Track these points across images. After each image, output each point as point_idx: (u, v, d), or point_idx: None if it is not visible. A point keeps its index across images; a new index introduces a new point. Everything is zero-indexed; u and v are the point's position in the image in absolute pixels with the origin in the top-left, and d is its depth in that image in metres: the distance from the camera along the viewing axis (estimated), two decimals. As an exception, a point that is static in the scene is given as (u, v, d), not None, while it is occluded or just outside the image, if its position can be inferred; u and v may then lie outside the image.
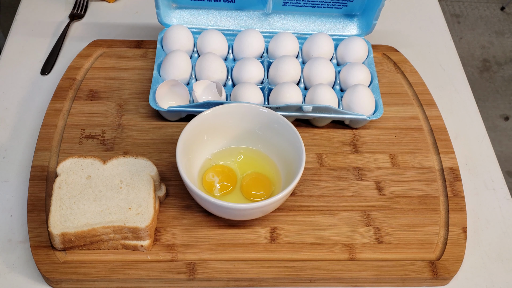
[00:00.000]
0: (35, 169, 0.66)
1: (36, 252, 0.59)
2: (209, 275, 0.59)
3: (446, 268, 0.61)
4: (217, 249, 0.61)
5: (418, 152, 0.72)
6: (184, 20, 0.80)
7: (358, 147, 0.72)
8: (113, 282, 0.58)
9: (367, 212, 0.65)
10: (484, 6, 2.27)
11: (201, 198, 0.58)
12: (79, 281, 0.58)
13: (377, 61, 0.82)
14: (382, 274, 0.60)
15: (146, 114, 0.73)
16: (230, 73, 0.76)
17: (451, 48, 0.89)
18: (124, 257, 0.59)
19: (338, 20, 0.82)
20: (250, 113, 0.66)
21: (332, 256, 0.61)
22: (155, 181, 0.62)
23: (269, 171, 0.66)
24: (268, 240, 0.62)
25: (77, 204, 0.59)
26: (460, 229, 0.64)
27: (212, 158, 0.66)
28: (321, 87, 0.72)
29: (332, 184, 0.68)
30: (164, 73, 0.73)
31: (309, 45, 0.77)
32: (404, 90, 0.79)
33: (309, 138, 0.72)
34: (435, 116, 0.75)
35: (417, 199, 0.67)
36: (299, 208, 0.65)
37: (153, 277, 0.58)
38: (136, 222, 0.58)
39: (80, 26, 0.87)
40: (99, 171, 0.62)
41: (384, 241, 0.63)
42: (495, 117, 1.88)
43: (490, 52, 2.09)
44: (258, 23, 0.81)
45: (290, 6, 0.80)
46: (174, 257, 0.60)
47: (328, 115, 0.71)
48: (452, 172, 0.69)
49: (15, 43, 0.84)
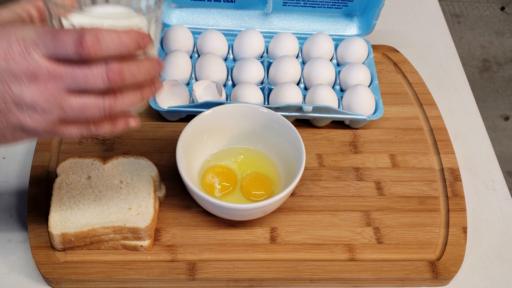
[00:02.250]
0: (35, 169, 0.66)
1: (36, 252, 0.59)
2: (209, 275, 0.59)
3: (446, 268, 0.61)
4: (217, 249, 0.61)
5: (418, 152, 0.72)
6: (184, 20, 0.80)
7: (358, 147, 0.72)
8: (113, 282, 0.58)
9: (367, 212, 0.65)
10: (484, 6, 2.27)
11: (201, 199, 0.58)
12: (79, 281, 0.58)
13: (377, 61, 0.82)
14: (382, 275, 0.60)
15: (146, 114, 0.73)
16: (230, 73, 0.76)
17: (451, 48, 0.89)
18: (124, 257, 0.59)
19: (338, 20, 0.82)
20: (250, 113, 0.66)
21: (332, 256, 0.61)
22: (155, 181, 0.62)
23: (269, 171, 0.66)
24: (268, 240, 0.62)
25: (77, 204, 0.59)
26: (460, 229, 0.64)
27: (212, 159, 0.66)
28: (321, 87, 0.72)
29: (332, 184, 0.68)
30: (164, 73, 0.73)
31: (309, 45, 0.77)
32: (404, 90, 0.79)
33: (309, 138, 0.72)
34: (435, 116, 0.75)
35: (417, 199, 0.67)
36: (299, 208, 0.65)
37: (153, 277, 0.58)
38: (136, 222, 0.58)
39: (80, 26, 0.87)
40: (99, 171, 0.62)
41: (384, 241, 0.63)
42: (495, 117, 1.88)
43: (490, 52, 2.09)
44: (258, 23, 0.81)
45: (290, 6, 0.80)
46: (174, 257, 0.60)
47: (328, 115, 0.71)
48: (452, 172, 0.69)
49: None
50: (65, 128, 0.42)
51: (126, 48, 0.40)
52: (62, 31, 0.39)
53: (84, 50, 0.38)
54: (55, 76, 0.39)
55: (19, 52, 0.39)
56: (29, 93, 0.39)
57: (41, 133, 0.41)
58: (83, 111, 0.41)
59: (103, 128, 0.43)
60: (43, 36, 0.39)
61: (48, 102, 0.39)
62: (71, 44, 0.38)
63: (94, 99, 0.41)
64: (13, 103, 0.39)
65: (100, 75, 0.40)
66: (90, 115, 0.41)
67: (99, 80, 0.40)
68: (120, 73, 0.40)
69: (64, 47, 0.38)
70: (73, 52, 0.39)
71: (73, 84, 0.40)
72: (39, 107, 0.40)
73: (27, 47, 0.39)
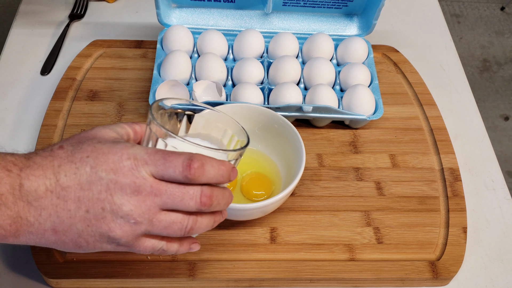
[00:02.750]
0: (35, 169, 0.66)
1: (36, 252, 0.59)
2: (209, 275, 0.59)
3: (446, 268, 0.61)
4: (217, 249, 0.61)
5: (418, 152, 0.72)
6: (184, 20, 0.80)
7: (358, 147, 0.72)
8: (113, 282, 0.58)
9: (367, 212, 0.65)
10: (484, 6, 2.27)
11: (201, 198, 0.58)
12: (79, 281, 0.58)
13: (377, 61, 0.82)
14: (382, 275, 0.60)
15: (146, 114, 0.73)
16: (230, 73, 0.76)
17: (451, 48, 0.89)
18: (124, 257, 0.59)
19: (338, 20, 0.82)
20: (250, 113, 0.66)
21: (332, 256, 0.61)
22: (155, 181, 0.62)
23: (269, 171, 0.66)
24: (268, 240, 0.62)
25: (77, 204, 0.59)
26: (460, 229, 0.64)
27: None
28: (321, 87, 0.72)
29: (332, 184, 0.68)
30: (164, 73, 0.73)
31: (309, 45, 0.77)
32: (404, 90, 0.79)
33: (309, 138, 0.72)
34: (435, 116, 0.75)
35: (417, 199, 0.67)
36: (299, 208, 0.65)
37: (153, 277, 0.58)
38: (136, 222, 0.58)
39: (80, 26, 0.87)
40: (99, 171, 0.62)
41: (384, 241, 0.63)
42: (495, 117, 1.88)
43: (490, 52, 2.09)
44: (258, 23, 0.81)
45: (290, 6, 0.80)
46: (174, 257, 0.60)
47: (328, 115, 0.71)
48: (452, 172, 0.69)
49: (15, 43, 0.84)
50: (143, 241, 0.45)
51: (221, 177, 0.44)
52: (172, 153, 0.43)
53: (191, 173, 0.42)
54: (156, 193, 0.43)
55: (128, 167, 0.42)
56: (128, 204, 0.42)
57: (122, 243, 0.44)
58: (168, 228, 0.44)
59: (172, 247, 0.47)
60: (154, 155, 0.43)
61: (142, 215, 0.43)
62: (180, 166, 0.42)
63: (181, 218, 0.44)
64: (110, 211, 0.42)
65: (194, 197, 0.43)
66: (172, 232, 0.44)
67: (193, 202, 0.43)
68: (211, 199, 0.44)
69: (173, 168, 0.42)
70: (180, 174, 0.42)
71: (169, 201, 0.43)
72: (132, 219, 0.43)
73: (137, 164, 0.42)
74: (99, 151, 0.43)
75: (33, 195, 0.42)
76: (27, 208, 0.42)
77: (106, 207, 0.42)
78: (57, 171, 0.42)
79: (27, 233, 0.43)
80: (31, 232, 0.43)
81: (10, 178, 0.41)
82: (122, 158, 0.42)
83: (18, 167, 0.42)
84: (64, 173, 0.42)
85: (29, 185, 0.42)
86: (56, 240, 0.43)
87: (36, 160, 0.43)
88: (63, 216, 0.42)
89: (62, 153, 0.43)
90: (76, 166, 0.42)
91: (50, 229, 0.43)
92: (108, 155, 0.43)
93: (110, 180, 0.42)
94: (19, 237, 0.43)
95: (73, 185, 0.42)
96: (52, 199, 0.42)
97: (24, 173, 0.42)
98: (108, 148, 0.43)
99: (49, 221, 0.42)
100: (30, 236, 0.43)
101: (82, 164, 0.42)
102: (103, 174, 0.42)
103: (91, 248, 0.44)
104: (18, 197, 0.41)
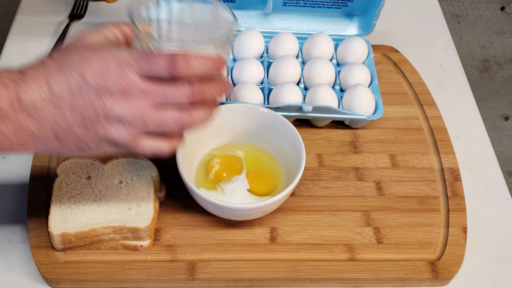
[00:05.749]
0: (35, 169, 0.66)
1: (36, 252, 0.59)
2: (209, 275, 0.59)
3: (446, 268, 0.61)
4: (217, 249, 0.61)
5: (418, 152, 0.72)
6: (184, 20, 0.80)
7: (358, 147, 0.72)
8: (113, 282, 0.58)
9: (367, 212, 0.65)
10: (484, 6, 2.27)
11: (201, 199, 0.58)
12: (79, 281, 0.58)
13: (377, 61, 0.82)
14: (382, 275, 0.60)
15: (146, 114, 0.73)
16: (230, 73, 0.76)
17: (451, 48, 0.89)
18: (124, 257, 0.59)
19: (338, 20, 0.82)
20: (250, 113, 0.66)
21: (332, 256, 0.61)
22: (155, 181, 0.62)
23: (271, 167, 0.65)
24: (268, 240, 0.62)
25: (77, 204, 0.59)
26: (460, 229, 0.64)
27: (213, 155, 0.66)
28: (321, 87, 0.72)
29: (332, 184, 0.68)
30: (164, 73, 0.73)
31: (309, 45, 0.77)
32: (404, 90, 0.79)
33: (309, 138, 0.72)
34: (435, 116, 0.75)
35: (417, 199, 0.67)
36: (299, 208, 0.65)
37: (153, 277, 0.58)
38: (136, 222, 0.58)
39: (80, 26, 0.87)
40: (99, 171, 0.62)
41: (384, 241, 0.63)
42: (495, 117, 1.88)
43: (490, 52, 2.09)
44: (258, 23, 0.81)
45: (290, 6, 0.80)
46: (174, 257, 0.60)
47: (328, 115, 0.71)
48: (452, 172, 0.69)
49: (15, 43, 0.84)
50: (142, 141, 0.46)
51: (208, 70, 0.46)
52: (156, 54, 0.45)
53: (176, 70, 0.44)
54: (145, 93, 0.44)
55: (114, 71, 0.44)
56: (119, 106, 0.44)
57: (121, 145, 0.46)
58: (163, 125, 0.45)
59: (173, 143, 0.48)
60: (138, 57, 0.44)
61: (134, 115, 0.44)
62: (165, 65, 0.44)
63: (174, 113, 0.45)
64: (103, 115, 0.44)
65: (185, 93, 0.45)
66: (169, 129, 0.46)
67: (184, 97, 0.45)
68: (202, 91, 0.46)
69: (157, 67, 0.44)
70: (166, 72, 0.44)
71: (160, 99, 0.45)
72: (126, 120, 0.44)
73: (122, 67, 0.44)
74: (85, 58, 0.44)
75: (31, 106, 0.44)
76: (28, 119, 0.44)
77: (98, 111, 0.44)
78: (49, 82, 0.44)
79: (32, 142, 0.45)
80: (35, 141, 0.45)
81: (9, 93, 0.44)
82: (107, 63, 0.44)
83: (14, 82, 0.44)
84: (56, 82, 0.44)
85: (26, 97, 0.44)
86: (60, 146, 0.46)
87: (30, 73, 0.45)
88: (61, 123, 0.44)
89: (52, 63, 0.45)
90: (66, 74, 0.44)
91: (53, 136, 0.45)
92: (94, 62, 0.44)
93: (98, 85, 0.44)
94: (25, 146, 0.45)
95: (65, 93, 0.44)
96: (49, 108, 0.44)
97: (20, 86, 0.44)
98: (94, 54, 0.45)
99: (50, 129, 0.45)
100: (35, 145, 0.46)
101: (71, 72, 0.44)
102: (91, 80, 0.43)
103: (94, 150, 0.46)
104: (18, 110, 0.44)
